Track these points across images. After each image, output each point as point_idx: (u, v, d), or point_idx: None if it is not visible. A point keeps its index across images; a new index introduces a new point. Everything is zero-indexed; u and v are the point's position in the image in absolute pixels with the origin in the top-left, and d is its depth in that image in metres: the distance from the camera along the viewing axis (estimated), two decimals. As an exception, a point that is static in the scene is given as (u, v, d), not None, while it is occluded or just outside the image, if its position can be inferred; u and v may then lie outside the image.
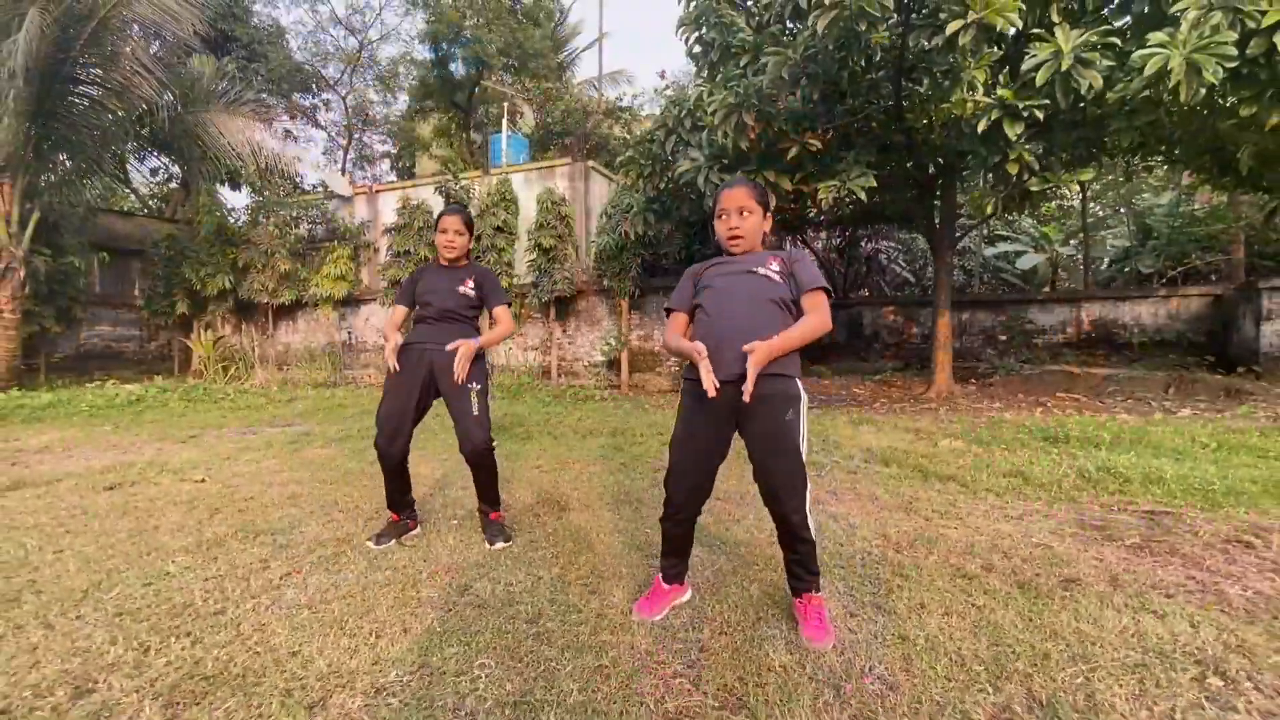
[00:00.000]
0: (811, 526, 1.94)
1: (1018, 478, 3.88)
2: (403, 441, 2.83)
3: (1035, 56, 5.40)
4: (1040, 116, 5.73)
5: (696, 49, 8.07)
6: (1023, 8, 5.27)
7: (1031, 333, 12.84)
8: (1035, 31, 5.76)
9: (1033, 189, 6.70)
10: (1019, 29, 6.01)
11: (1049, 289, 16.28)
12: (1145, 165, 9.73)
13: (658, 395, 9.66)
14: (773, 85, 6.12)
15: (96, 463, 4.97)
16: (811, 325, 1.89)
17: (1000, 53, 5.84)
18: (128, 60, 10.85)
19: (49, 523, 3.23)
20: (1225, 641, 1.85)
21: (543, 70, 19.29)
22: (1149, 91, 5.20)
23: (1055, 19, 5.79)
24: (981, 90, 5.80)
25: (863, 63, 6.15)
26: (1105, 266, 17.05)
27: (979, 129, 5.84)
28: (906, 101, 7.13)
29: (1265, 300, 9.99)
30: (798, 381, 1.93)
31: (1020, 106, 5.65)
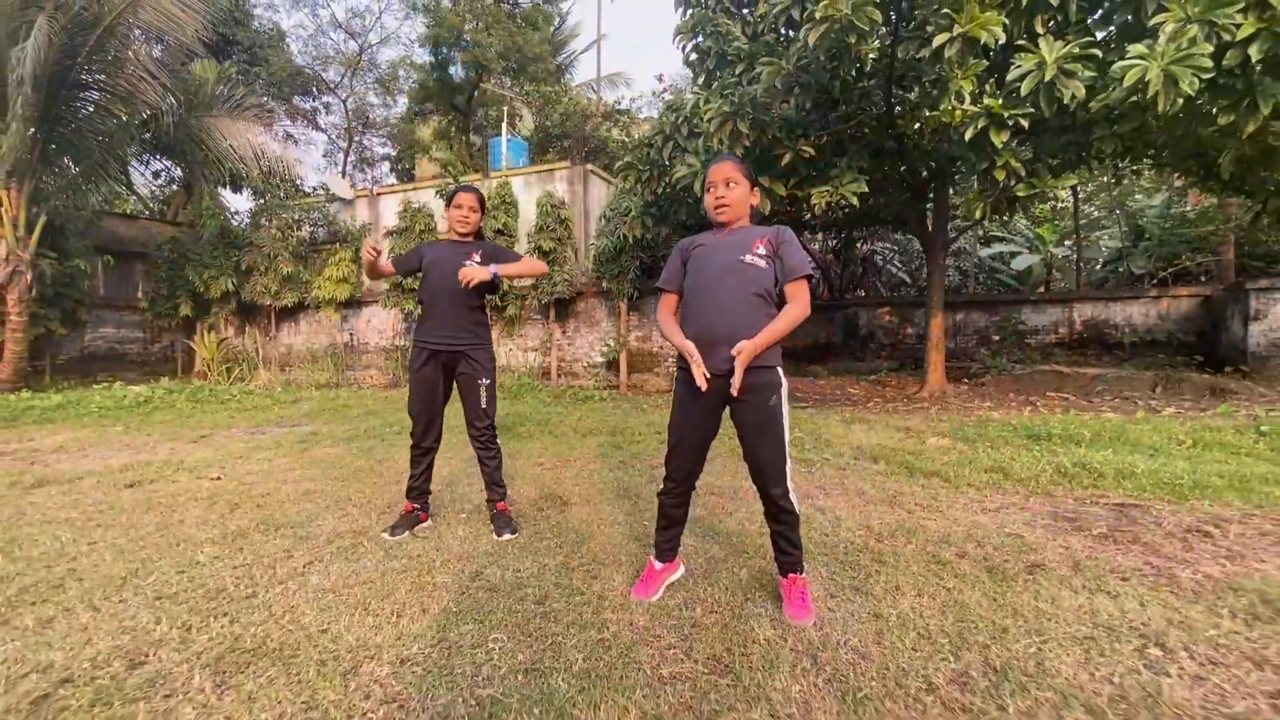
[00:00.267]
0: (794, 500, 2.15)
1: (998, 473, 4.07)
2: (436, 431, 3.18)
3: (1020, 67, 5.59)
4: (1025, 125, 5.93)
5: (693, 57, 8.27)
6: (1006, 24, 5.46)
7: (1024, 333, 13.03)
8: (1020, 43, 5.95)
9: (1019, 194, 6.90)
10: (1005, 40, 6.22)
11: (1043, 289, 16.49)
12: (1133, 169, 9.92)
13: (656, 395, 9.85)
14: (767, 94, 6.31)
15: (114, 461, 5.14)
16: (791, 316, 2.05)
17: (986, 63, 6.02)
18: (133, 66, 11.03)
19: (78, 517, 3.41)
20: (1169, 618, 2.04)
21: (541, 74, 19.46)
22: (1135, 98, 5.39)
23: (1039, 30, 5.98)
24: (969, 99, 5.98)
25: (854, 72, 6.35)
26: (1100, 267, 17.27)
27: (967, 136, 6.03)
28: (899, 107, 7.33)
29: (1253, 301, 10.17)
30: (779, 370, 2.13)
31: (1006, 115, 5.85)
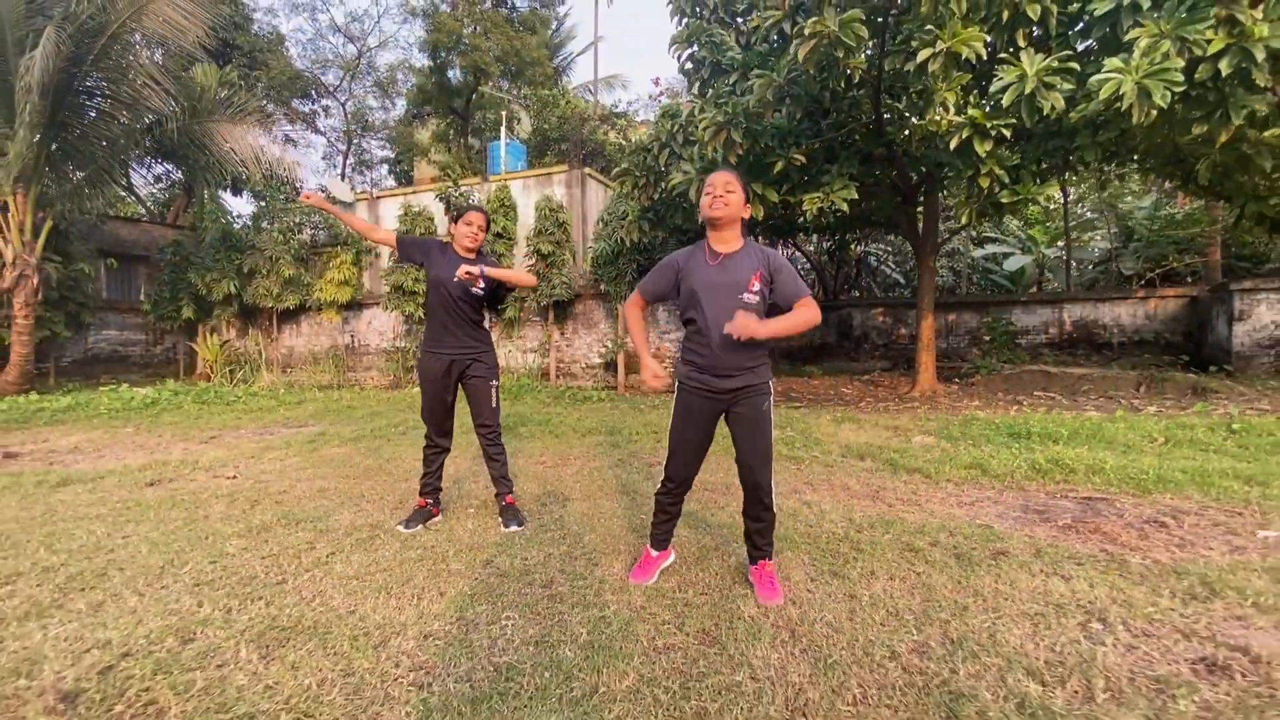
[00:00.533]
0: (774, 499, 2.37)
1: (977, 469, 4.30)
2: (448, 430, 3.45)
3: (1002, 79, 5.82)
4: (1008, 134, 6.16)
5: (689, 66, 8.49)
6: (987, 40, 5.69)
7: (1015, 333, 13.28)
8: (1002, 56, 6.18)
9: (1004, 201, 7.14)
10: (989, 51, 6.45)
11: (1035, 290, 16.75)
12: (1118, 174, 10.18)
13: (653, 396, 10.07)
14: (759, 105, 6.53)
15: (131, 461, 5.35)
16: (803, 317, 2.23)
17: (970, 75, 6.25)
18: (137, 73, 11.21)
19: (108, 514, 3.62)
20: (1113, 597, 2.26)
21: (539, 77, 19.66)
22: (1115, 107, 5.62)
23: (1021, 43, 6.20)
24: (953, 110, 6.21)
25: (843, 83, 6.57)
26: (1091, 268, 17.53)
27: (951, 145, 6.26)
28: (888, 115, 7.56)
29: (1237, 301, 10.41)
30: (769, 380, 2.36)
31: (989, 126, 6.08)
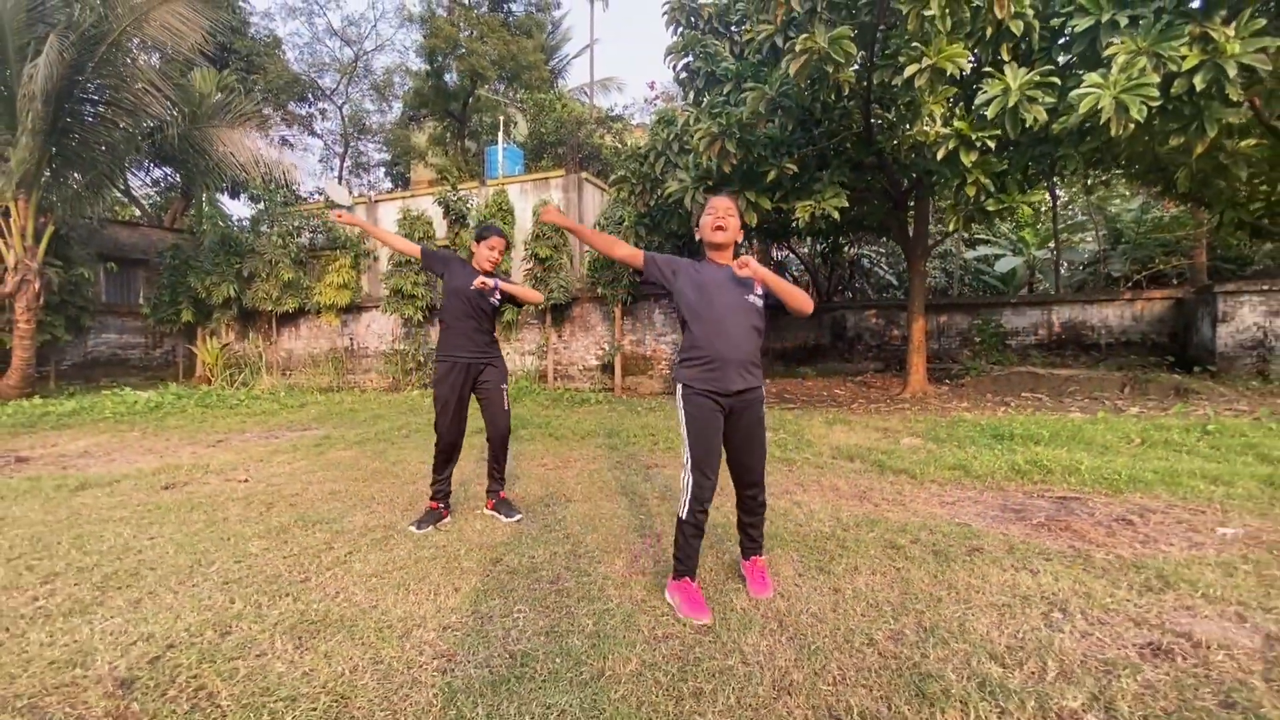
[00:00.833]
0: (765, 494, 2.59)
1: (960, 470, 4.50)
2: (459, 442, 3.64)
3: (986, 93, 6.03)
4: (992, 145, 6.38)
5: (683, 75, 8.69)
6: (971, 57, 5.90)
7: (1005, 334, 13.51)
8: (987, 70, 6.39)
9: (990, 209, 7.35)
10: (974, 65, 6.66)
11: (1026, 291, 17.01)
12: (1102, 180, 10.41)
13: (649, 397, 10.26)
14: (752, 116, 6.72)
15: (143, 465, 5.51)
16: (798, 291, 2.45)
17: (956, 89, 6.45)
18: (138, 79, 11.33)
19: (131, 516, 3.78)
20: (1075, 589, 2.47)
21: (535, 81, 19.83)
22: (1095, 120, 5.84)
23: (1005, 57, 6.41)
24: (940, 121, 6.41)
25: (833, 95, 6.76)
26: (1081, 269, 17.80)
27: (938, 156, 6.47)
28: (878, 123, 7.77)
29: (1221, 303, 10.65)
30: (763, 384, 2.55)
31: (974, 138, 6.29)
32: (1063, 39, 6.57)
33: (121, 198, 18.67)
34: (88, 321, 13.94)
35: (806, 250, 16.85)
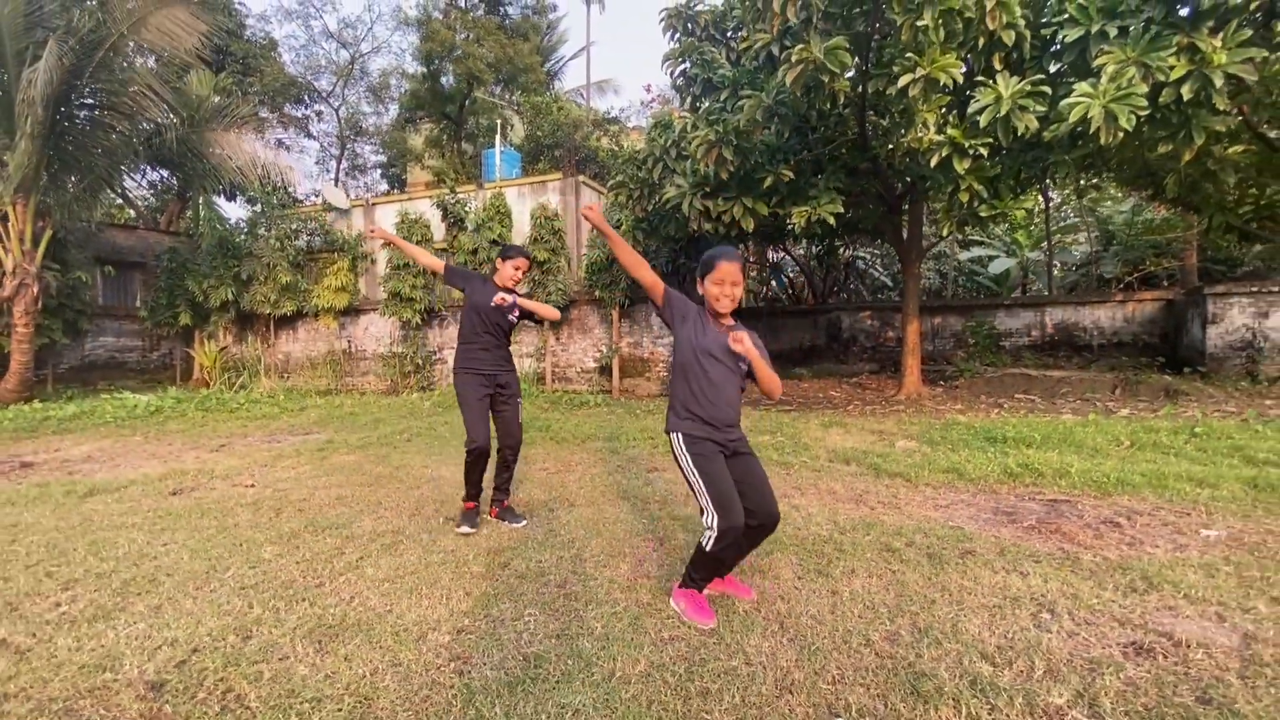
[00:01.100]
0: None
1: (954, 473, 4.61)
2: (489, 441, 3.67)
3: (979, 102, 6.15)
4: (985, 153, 6.49)
5: (680, 81, 8.79)
6: (967, 59, 6.01)
7: (998, 336, 13.66)
8: (980, 79, 6.50)
9: (983, 214, 7.47)
10: (967, 73, 6.77)
11: (1019, 293, 17.17)
12: (1093, 184, 10.56)
13: (647, 400, 10.35)
14: (749, 124, 6.82)
15: (149, 470, 5.57)
16: (774, 377, 2.47)
17: (949, 97, 6.56)
18: (135, 83, 11.36)
19: (142, 522, 3.85)
20: (1063, 590, 2.57)
21: (532, 84, 19.90)
22: (1085, 127, 5.96)
23: (997, 66, 6.53)
24: (933, 129, 6.52)
25: (828, 103, 6.87)
26: (1074, 271, 17.98)
27: (932, 163, 6.58)
28: (873, 129, 7.88)
29: (1210, 305, 10.81)
30: None
31: (967, 145, 6.40)
32: (1054, 48, 6.69)
33: (118, 200, 18.66)
34: (85, 325, 13.96)
35: (802, 252, 16.98)
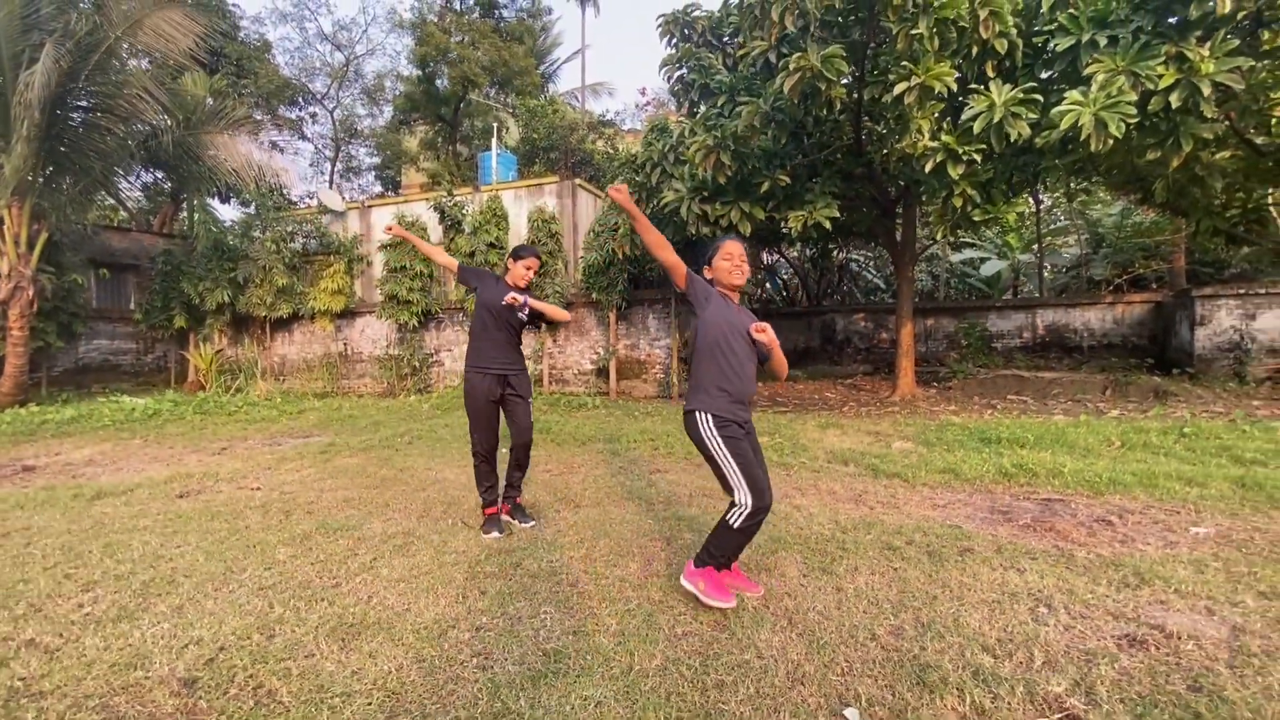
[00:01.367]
0: None
1: (950, 474, 4.71)
2: (495, 446, 3.74)
3: (973, 109, 6.27)
4: (979, 159, 6.61)
5: (678, 87, 8.88)
6: (958, 76, 6.13)
7: (990, 337, 13.83)
8: (973, 87, 6.62)
9: (976, 218, 7.60)
10: (960, 80, 6.89)
11: (1010, 295, 17.37)
12: (1084, 188, 10.72)
13: (644, 401, 10.43)
14: (746, 130, 6.92)
15: (154, 474, 5.60)
16: (784, 363, 2.74)
17: (943, 104, 6.68)
18: (131, 86, 11.35)
19: (153, 525, 3.90)
20: (1059, 586, 2.67)
21: (527, 87, 19.95)
22: (1076, 134, 6.09)
23: (990, 74, 6.66)
24: (928, 136, 6.64)
25: (824, 110, 6.97)
26: (1064, 273, 18.20)
27: (926, 169, 6.70)
28: (867, 135, 7.99)
29: (1198, 307, 10.99)
30: None
31: (961, 152, 6.52)
32: (1045, 56, 6.82)
33: (112, 202, 18.59)
34: (79, 328, 13.89)
35: (796, 254, 17.11)
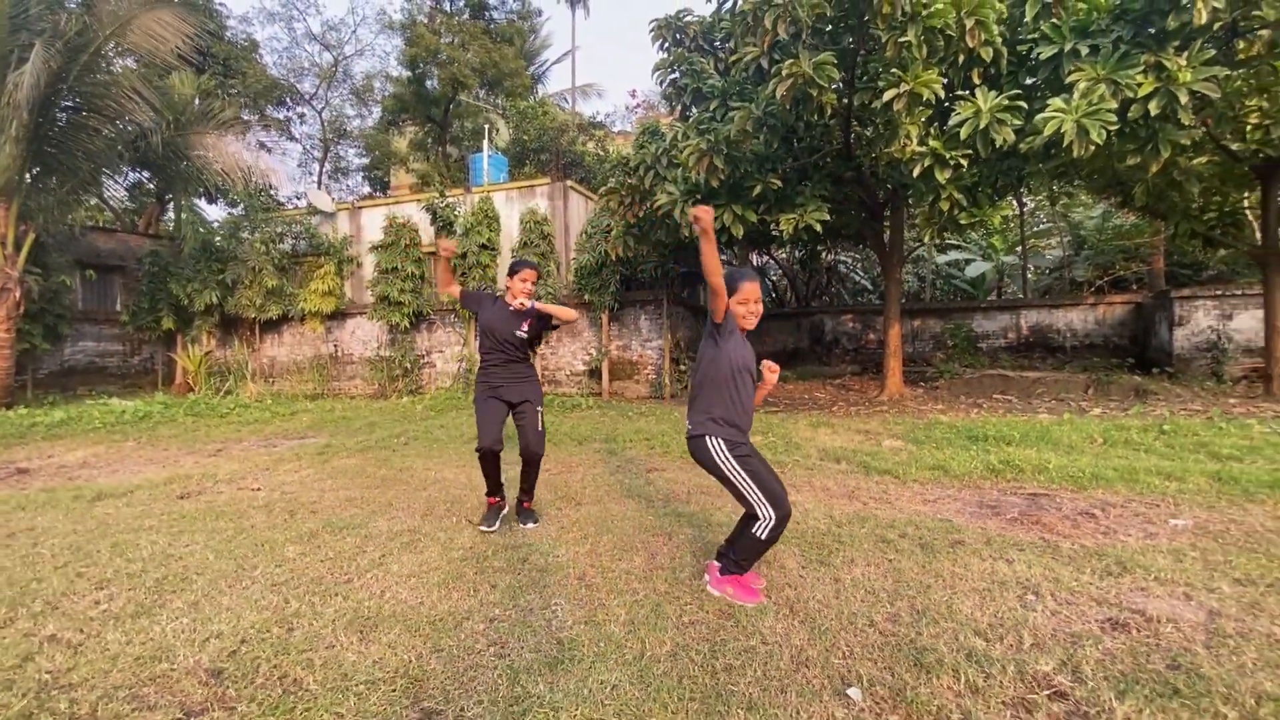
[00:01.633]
0: None
1: (939, 470, 4.85)
2: (499, 444, 3.75)
3: (960, 115, 6.43)
4: (965, 164, 6.78)
5: (670, 91, 8.99)
6: (945, 82, 6.29)
7: (976, 338, 14.06)
8: (960, 94, 6.79)
9: (963, 221, 7.77)
10: (947, 87, 7.05)
11: (995, 296, 17.66)
12: (1066, 191, 10.96)
13: (637, 402, 10.52)
14: (739, 134, 7.04)
15: (151, 475, 5.61)
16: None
17: (931, 110, 6.83)
18: (120, 87, 11.29)
19: (159, 525, 3.94)
20: (1045, 575, 2.79)
21: (518, 88, 19.99)
22: (1058, 140, 6.27)
23: (976, 81, 6.82)
24: (916, 141, 6.79)
25: (815, 115, 7.11)
26: (1047, 274, 18.52)
27: (914, 173, 6.85)
28: (856, 139, 8.14)
29: (1177, 308, 11.26)
30: None
31: (948, 157, 6.68)
32: (1029, 64, 7.00)
33: (97, 203, 18.41)
34: (65, 329, 13.77)
35: (785, 256, 17.28)
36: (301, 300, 13.52)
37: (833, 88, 6.52)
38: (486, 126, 17.05)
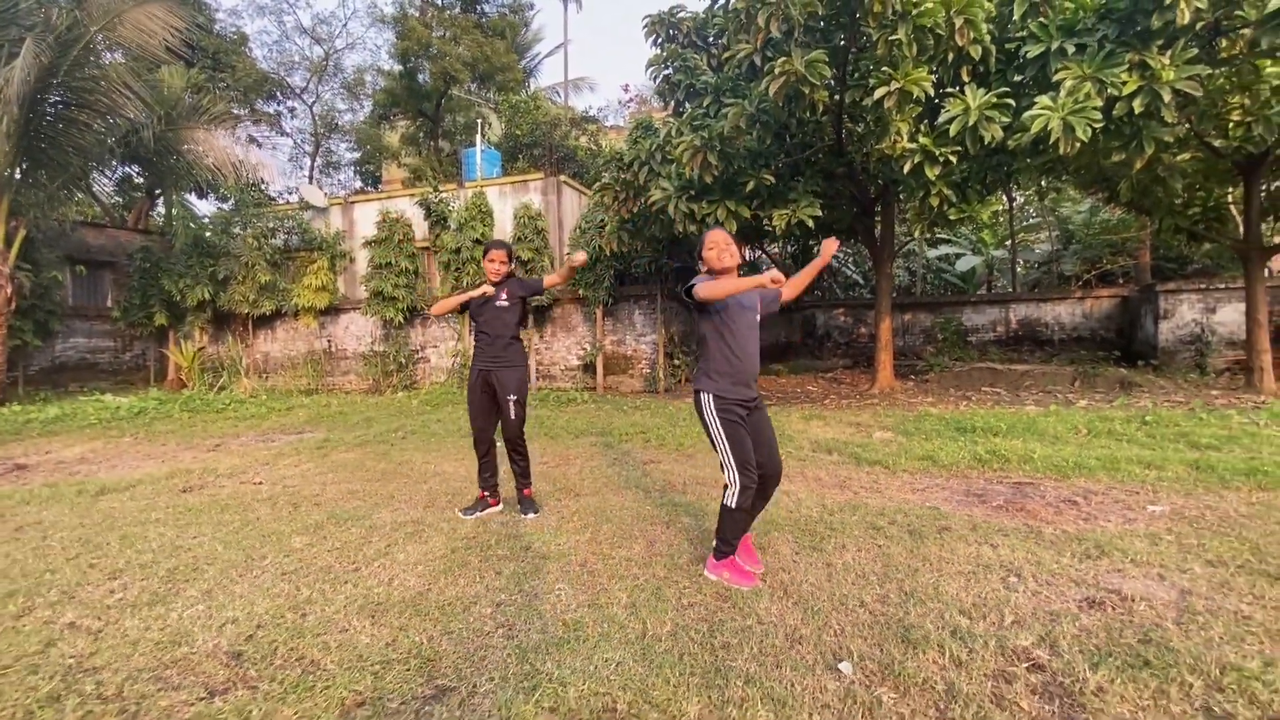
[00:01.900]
0: None
1: (928, 460, 4.98)
2: (490, 433, 3.92)
3: (949, 112, 6.54)
4: (954, 160, 6.89)
5: (664, 87, 9.06)
6: (934, 80, 6.40)
7: (966, 331, 14.24)
8: (949, 91, 6.89)
9: (952, 217, 7.90)
10: (937, 84, 7.16)
11: (984, 290, 17.85)
12: (1054, 187, 11.11)
13: (631, 396, 10.62)
14: (732, 130, 7.13)
15: (152, 470, 5.67)
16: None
17: (921, 107, 6.94)
18: (111, 82, 11.23)
19: (165, 518, 4.01)
20: (1028, 559, 2.92)
21: (510, 82, 19.96)
22: (1046, 137, 6.39)
23: (965, 78, 6.93)
24: (906, 137, 6.90)
25: (808, 112, 7.20)
26: (1036, 268, 18.74)
27: (905, 170, 6.97)
28: (847, 136, 8.25)
29: (1162, 301, 11.45)
30: None
31: (938, 153, 6.79)
32: (1017, 62, 7.12)
33: (88, 198, 18.29)
34: (56, 326, 13.72)
35: (777, 250, 17.38)
36: (295, 296, 13.51)
37: (824, 85, 6.61)
38: (479, 121, 17.04)
